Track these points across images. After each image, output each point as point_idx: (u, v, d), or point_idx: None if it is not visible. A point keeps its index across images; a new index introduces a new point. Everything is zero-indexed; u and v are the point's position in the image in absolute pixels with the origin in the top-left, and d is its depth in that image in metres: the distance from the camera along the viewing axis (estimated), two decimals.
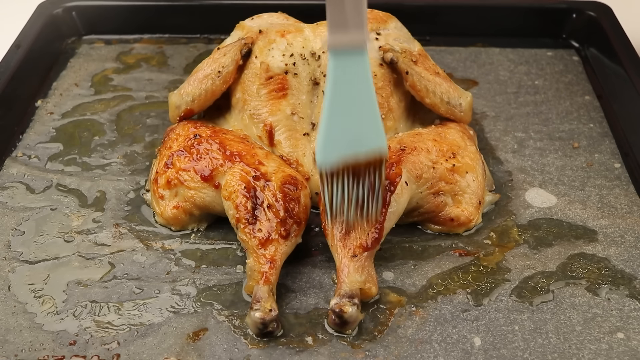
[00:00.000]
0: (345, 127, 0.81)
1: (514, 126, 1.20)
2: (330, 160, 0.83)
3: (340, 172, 0.84)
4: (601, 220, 1.02)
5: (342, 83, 0.79)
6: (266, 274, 0.87)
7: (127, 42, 1.41)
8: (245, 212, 0.92)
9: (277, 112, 1.03)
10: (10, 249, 0.97)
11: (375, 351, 0.85)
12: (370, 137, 0.83)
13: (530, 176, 1.09)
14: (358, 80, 0.80)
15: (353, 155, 0.83)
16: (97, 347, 0.85)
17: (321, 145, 0.82)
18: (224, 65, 1.05)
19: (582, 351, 0.85)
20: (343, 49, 0.78)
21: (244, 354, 0.84)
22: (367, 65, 0.80)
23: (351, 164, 0.83)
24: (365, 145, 0.83)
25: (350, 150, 0.82)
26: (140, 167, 1.11)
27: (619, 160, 1.12)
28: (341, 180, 0.84)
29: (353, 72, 0.79)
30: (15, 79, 1.21)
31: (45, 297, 0.91)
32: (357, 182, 0.85)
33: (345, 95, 0.80)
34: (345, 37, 0.76)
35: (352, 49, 0.78)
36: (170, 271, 0.95)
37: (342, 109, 0.80)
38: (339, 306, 0.84)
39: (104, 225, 1.01)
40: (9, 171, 1.10)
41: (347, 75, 0.79)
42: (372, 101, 0.81)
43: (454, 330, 0.87)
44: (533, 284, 0.93)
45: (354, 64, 0.79)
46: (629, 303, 0.90)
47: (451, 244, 0.99)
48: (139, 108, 1.24)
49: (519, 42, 1.40)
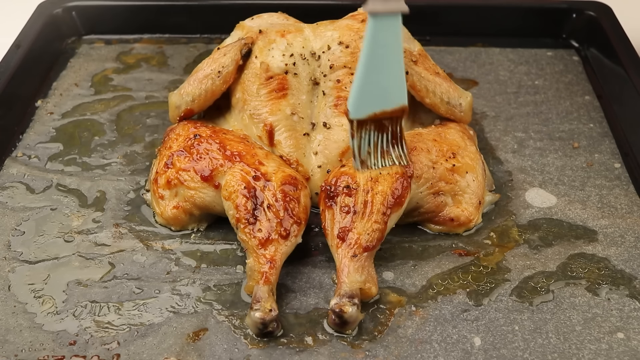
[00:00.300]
0: (376, 84, 0.88)
1: (514, 126, 1.20)
2: (361, 112, 0.89)
3: (368, 123, 0.90)
4: (601, 220, 1.02)
5: (377, 43, 0.86)
6: (266, 274, 0.87)
7: (127, 42, 1.41)
8: (245, 212, 0.92)
9: (277, 112, 1.03)
10: (10, 249, 0.97)
11: (375, 351, 0.85)
12: (396, 93, 0.90)
13: (530, 176, 1.09)
14: (392, 41, 0.87)
15: (381, 109, 0.89)
16: (97, 347, 0.85)
17: (354, 98, 0.89)
18: (224, 65, 1.05)
19: (582, 351, 0.85)
20: (383, 12, 0.84)
21: (244, 354, 0.84)
22: (399, 27, 0.86)
23: (379, 115, 0.90)
24: (392, 100, 0.90)
25: (379, 104, 0.89)
26: (140, 167, 1.11)
27: (619, 160, 1.12)
28: (368, 129, 0.91)
29: (388, 34, 0.86)
30: (15, 79, 1.21)
31: (45, 297, 0.91)
32: (382, 130, 0.91)
33: (378, 55, 0.86)
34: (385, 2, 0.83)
35: (390, 12, 0.84)
36: (170, 271, 0.95)
37: (374, 67, 0.87)
38: (339, 306, 0.85)
39: (104, 225, 1.01)
40: (9, 171, 1.10)
41: (382, 36, 0.85)
42: (400, 60, 0.88)
43: (454, 330, 0.87)
44: (533, 284, 0.93)
45: (389, 26, 0.85)
46: (629, 303, 0.90)
47: (451, 244, 0.99)
48: (139, 108, 1.24)
49: (519, 42, 1.40)
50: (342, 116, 1.02)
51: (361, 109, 0.89)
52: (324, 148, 1.02)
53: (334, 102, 1.02)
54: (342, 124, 1.01)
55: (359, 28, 1.06)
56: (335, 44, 1.04)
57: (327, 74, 1.03)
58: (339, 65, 1.03)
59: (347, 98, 1.01)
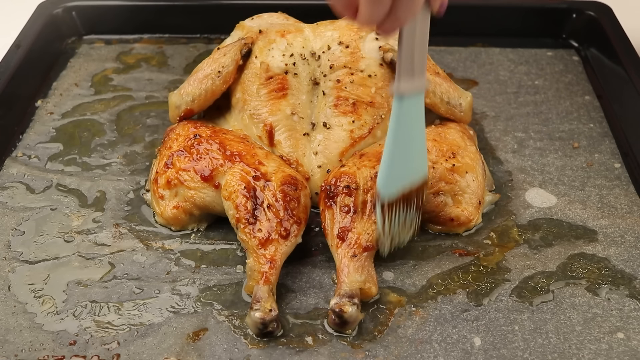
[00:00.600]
0: (402, 162, 0.88)
1: (514, 126, 1.20)
2: (391, 192, 0.88)
3: (396, 202, 0.89)
4: (601, 220, 1.02)
5: (403, 123, 0.85)
6: (266, 274, 0.87)
7: (127, 42, 1.41)
8: (245, 212, 0.92)
9: (277, 112, 1.03)
10: (10, 249, 0.97)
11: (375, 351, 0.85)
12: (420, 166, 0.90)
13: (530, 176, 1.09)
14: (416, 119, 0.86)
15: (408, 185, 0.89)
16: (97, 347, 0.85)
17: (383, 180, 0.88)
18: (224, 65, 1.05)
19: (582, 351, 0.85)
20: (409, 94, 0.83)
21: (244, 354, 0.84)
22: (422, 104, 0.87)
23: (406, 193, 0.89)
24: (416, 174, 0.90)
25: (406, 181, 0.89)
26: (140, 167, 1.11)
27: (619, 160, 1.12)
28: (396, 207, 0.89)
29: (413, 112, 0.86)
30: (15, 79, 1.21)
31: (45, 297, 0.91)
32: (409, 206, 0.91)
33: (405, 134, 0.86)
34: (412, 83, 0.82)
35: (415, 93, 0.84)
36: (170, 271, 0.95)
37: (401, 146, 0.87)
38: (339, 306, 0.84)
39: (104, 225, 1.01)
40: (9, 171, 1.10)
41: (407, 116, 0.85)
42: (423, 135, 0.88)
43: (454, 330, 0.87)
44: (533, 284, 0.93)
45: (414, 105, 0.85)
46: (629, 303, 0.90)
47: (451, 244, 0.99)
48: (139, 108, 1.24)
49: (519, 42, 1.40)
50: (342, 116, 1.02)
51: (391, 189, 0.88)
52: (324, 148, 1.02)
53: (334, 102, 1.02)
54: (342, 124, 1.01)
55: (359, 28, 1.06)
56: (335, 44, 1.04)
57: (327, 74, 1.03)
58: (339, 65, 1.03)
59: (347, 98, 1.02)
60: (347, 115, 1.02)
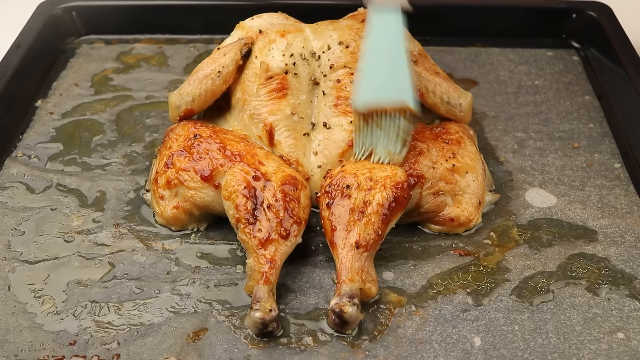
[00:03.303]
0: (378, 75, 0.92)
1: (514, 126, 1.20)
2: (363, 103, 0.93)
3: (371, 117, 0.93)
4: (601, 220, 1.02)
5: (378, 36, 0.90)
6: (266, 274, 0.87)
7: (127, 42, 1.41)
8: (245, 212, 0.92)
9: (277, 112, 1.03)
10: (10, 249, 0.97)
11: (375, 351, 0.85)
12: (400, 90, 0.92)
13: (530, 176, 1.09)
14: (393, 36, 0.91)
15: (385, 101, 0.92)
16: (97, 347, 0.85)
17: (357, 88, 0.93)
18: (224, 65, 1.05)
19: (582, 351, 0.85)
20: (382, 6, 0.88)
21: (244, 354, 0.84)
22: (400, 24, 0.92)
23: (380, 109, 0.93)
24: (394, 96, 0.92)
25: (381, 96, 0.92)
26: (140, 167, 1.11)
27: (619, 160, 1.12)
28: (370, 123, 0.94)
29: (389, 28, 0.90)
30: (15, 79, 1.21)
31: (45, 297, 0.91)
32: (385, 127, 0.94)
33: (380, 49, 0.91)
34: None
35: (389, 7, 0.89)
36: (170, 271, 0.95)
37: (376, 60, 0.90)
38: (339, 306, 0.84)
39: (104, 225, 1.01)
40: (9, 171, 1.10)
41: (383, 30, 0.89)
42: (402, 56, 0.92)
43: (454, 330, 0.87)
44: (533, 284, 0.93)
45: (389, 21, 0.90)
46: (629, 303, 0.90)
47: (451, 244, 0.99)
48: (139, 108, 1.24)
49: (519, 42, 1.40)
50: (342, 116, 1.02)
51: (363, 100, 0.92)
52: (324, 148, 1.02)
53: (334, 102, 1.02)
54: (342, 124, 1.01)
55: (359, 28, 1.06)
56: (335, 44, 1.04)
57: (327, 74, 1.03)
58: (339, 65, 1.03)
59: (347, 98, 1.02)
60: (347, 115, 1.02)
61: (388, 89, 0.92)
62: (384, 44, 0.90)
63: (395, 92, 0.92)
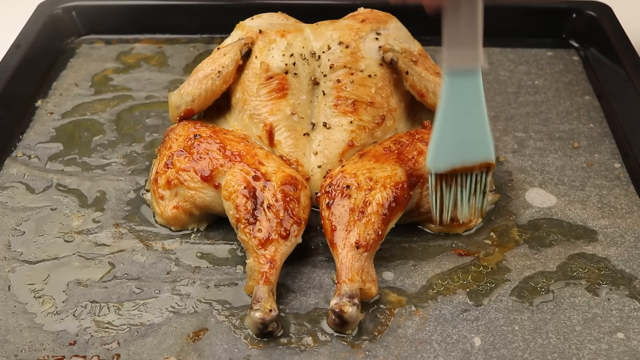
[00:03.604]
0: (457, 137, 0.88)
1: (514, 126, 1.20)
2: (440, 165, 0.89)
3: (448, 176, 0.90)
4: (601, 220, 1.02)
5: (452, 100, 0.84)
6: (266, 274, 0.87)
7: (127, 42, 1.41)
8: (245, 212, 0.92)
9: (277, 112, 1.03)
10: (10, 249, 0.97)
11: (375, 351, 0.85)
12: (480, 147, 0.89)
13: (530, 176, 1.09)
14: (470, 97, 0.85)
15: (460, 162, 0.89)
16: (97, 347, 0.85)
17: (434, 150, 0.89)
18: (224, 65, 1.05)
19: (582, 351, 0.85)
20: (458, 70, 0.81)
21: (244, 354, 0.84)
22: (478, 83, 0.84)
23: (459, 169, 0.90)
24: (474, 154, 0.89)
25: (457, 158, 0.89)
26: (140, 167, 1.11)
27: (619, 160, 1.12)
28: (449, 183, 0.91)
29: (464, 90, 0.85)
30: (15, 79, 1.21)
31: (45, 297, 0.91)
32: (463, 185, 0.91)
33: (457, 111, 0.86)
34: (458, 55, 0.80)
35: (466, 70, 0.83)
36: (170, 271, 0.95)
37: (455, 122, 0.86)
38: (339, 306, 0.84)
39: (104, 225, 1.01)
40: (9, 171, 1.10)
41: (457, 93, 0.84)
42: (482, 115, 0.87)
43: (454, 330, 0.87)
44: (533, 284, 0.93)
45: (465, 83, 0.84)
46: (629, 303, 0.90)
47: (451, 244, 0.99)
48: (139, 108, 1.24)
49: (519, 42, 1.40)
50: (342, 116, 1.02)
51: (440, 162, 0.89)
52: (324, 148, 1.02)
53: (333, 102, 1.02)
54: (342, 124, 1.01)
55: (359, 28, 1.06)
56: (335, 44, 1.04)
57: (327, 74, 1.03)
58: (339, 65, 1.03)
59: (347, 98, 1.02)
60: (347, 115, 1.02)
61: (470, 149, 0.89)
62: (462, 107, 0.85)
63: (478, 152, 0.89)
